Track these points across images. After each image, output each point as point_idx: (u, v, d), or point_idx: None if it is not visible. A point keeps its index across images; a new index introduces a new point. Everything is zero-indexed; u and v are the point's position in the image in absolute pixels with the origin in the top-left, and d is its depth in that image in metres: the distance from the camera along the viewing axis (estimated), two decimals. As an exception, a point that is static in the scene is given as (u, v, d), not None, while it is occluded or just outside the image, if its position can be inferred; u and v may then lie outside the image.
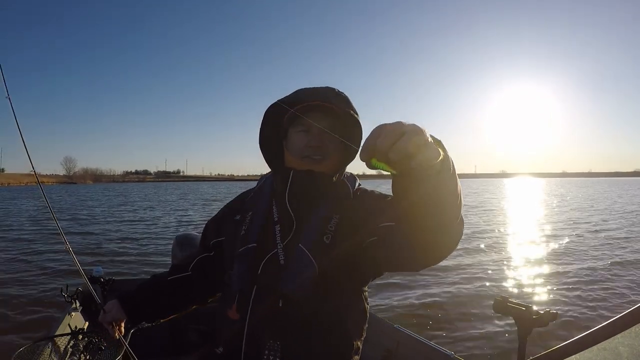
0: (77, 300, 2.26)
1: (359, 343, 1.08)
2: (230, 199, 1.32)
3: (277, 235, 1.06)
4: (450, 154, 0.68)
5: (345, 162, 1.15)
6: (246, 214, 1.15)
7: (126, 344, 1.26)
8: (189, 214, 18.81)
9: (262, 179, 1.25)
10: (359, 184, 1.18)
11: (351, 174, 1.20)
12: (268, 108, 1.13)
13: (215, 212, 1.31)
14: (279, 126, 1.15)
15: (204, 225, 1.31)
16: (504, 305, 1.41)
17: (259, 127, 1.16)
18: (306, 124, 1.08)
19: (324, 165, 1.09)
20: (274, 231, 1.07)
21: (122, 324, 1.28)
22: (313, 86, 1.14)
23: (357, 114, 1.10)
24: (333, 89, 1.12)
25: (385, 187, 1.13)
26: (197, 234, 2.79)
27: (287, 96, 1.12)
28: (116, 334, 1.25)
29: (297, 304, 0.99)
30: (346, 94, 1.13)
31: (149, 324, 1.68)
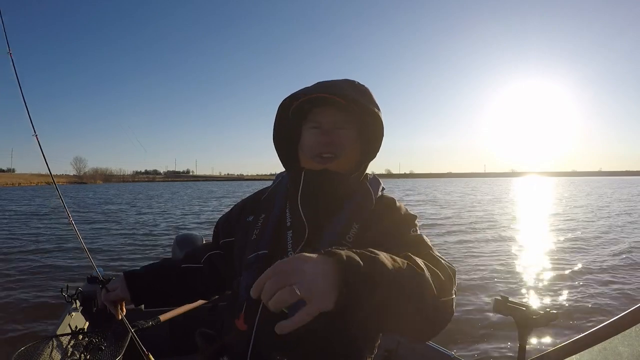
0: (77, 300, 2.26)
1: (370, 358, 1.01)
2: (243, 196, 1.24)
3: (289, 242, 0.98)
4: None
5: (363, 161, 1.05)
6: (259, 216, 1.06)
7: (132, 330, 1.23)
8: (197, 212, 18.83)
9: (279, 177, 1.16)
10: (383, 189, 1.08)
11: (374, 176, 1.10)
12: (281, 102, 1.04)
13: (227, 209, 1.24)
14: (292, 123, 1.07)
15: (208, 224, 1.26)
16: (504, 305, 1.40)
17: (273, 123, 1.07)
18: (317, 120, 1.00)
19: (337, 164, 0.99)
20: (286, 237, 0.99)
21: (124, 304, 1.23)
22: (333, 79, 1.05)
23: (378, 108, 1.00)
24: (352, 82, 1.03)
25: (390, 187, 1.10)
26: (197, 234, 2.80)
27: (301, 89, 1.03)
28: (119, 315, 1.20)
29: None
30: (367, 86, 1.04)
31: (149, 324, 1.69)
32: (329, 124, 1.00)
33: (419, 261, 0.75)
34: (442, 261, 0.84)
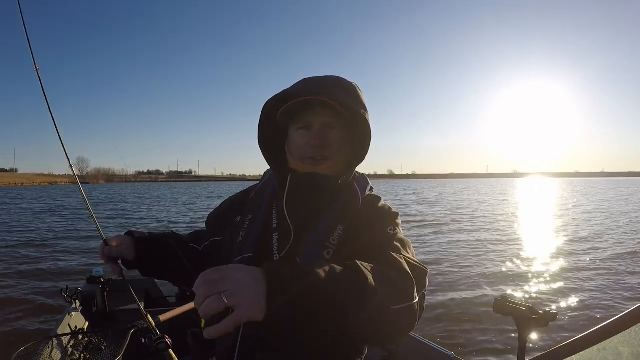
0: (77, 301, 2.27)
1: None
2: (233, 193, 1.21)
3: (274, 244, 0.96)
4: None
5: (352, 163, 1.03)
6: (246, 217, 1.04)
7: (130, 285, 1.21)
8: (197, 211, 18.82)
9: (266, 175, 1.13)
10: (371, 188, 1.06)
11: (362, 175, 1.08)
12: (266, 102, 1.01)
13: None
14: (277, 123, 1.04)
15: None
16: (504, 305, 1.40)
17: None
18: (305, 121, 0.98)
19: (327, 167, 0.98)
20: (272, 240, 0.97)
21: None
22: (323, 75, 1.02)
23: (365, 108, 0.99)
24: (340, 80, 1.01)
25: (383, 188, 1.09)
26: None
27: (287, 88, 1.01)
28: (119, 273, 1.11)
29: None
30: (356, 83, 1.01)
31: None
32: (319, 125, 0.98)
33: (366, 269, 0.70)
34: (405, 265, 0.79)
